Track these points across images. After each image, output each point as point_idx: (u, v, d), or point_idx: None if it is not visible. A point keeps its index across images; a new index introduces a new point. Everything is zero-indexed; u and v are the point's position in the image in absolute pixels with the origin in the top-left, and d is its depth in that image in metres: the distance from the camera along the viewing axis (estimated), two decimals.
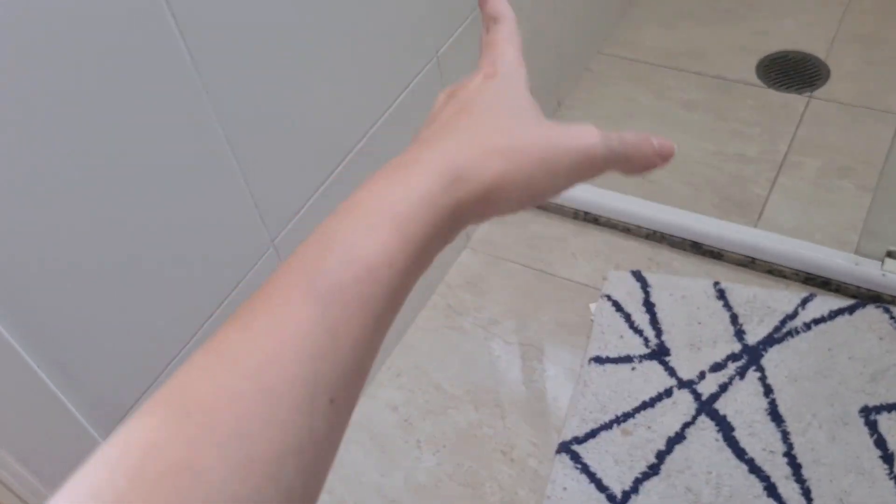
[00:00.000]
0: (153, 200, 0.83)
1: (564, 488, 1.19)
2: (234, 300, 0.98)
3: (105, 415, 0.85)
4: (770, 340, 1.31)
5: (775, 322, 1.33)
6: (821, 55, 1.81)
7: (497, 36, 0.38)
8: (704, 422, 1.24)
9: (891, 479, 1.14)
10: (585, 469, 1.21)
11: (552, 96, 1.72)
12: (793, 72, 1.78)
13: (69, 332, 0.79)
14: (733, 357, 1.30)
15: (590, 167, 0.35)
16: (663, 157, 0.38)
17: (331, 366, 0.27)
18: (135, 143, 0.78)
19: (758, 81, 1.78)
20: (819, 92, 1.73)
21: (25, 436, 0.77)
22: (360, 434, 1.29)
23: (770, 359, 1.29)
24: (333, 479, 1.24)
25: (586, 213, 1.54)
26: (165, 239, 0.86)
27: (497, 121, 0.34)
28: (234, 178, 0.93)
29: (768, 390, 1.25)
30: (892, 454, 1.16)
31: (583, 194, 1.52)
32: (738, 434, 1.21)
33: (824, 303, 1.34)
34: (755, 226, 1.47)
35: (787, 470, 1.16)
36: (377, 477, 1.24)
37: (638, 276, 1.43)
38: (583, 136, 0.35)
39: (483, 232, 1.56)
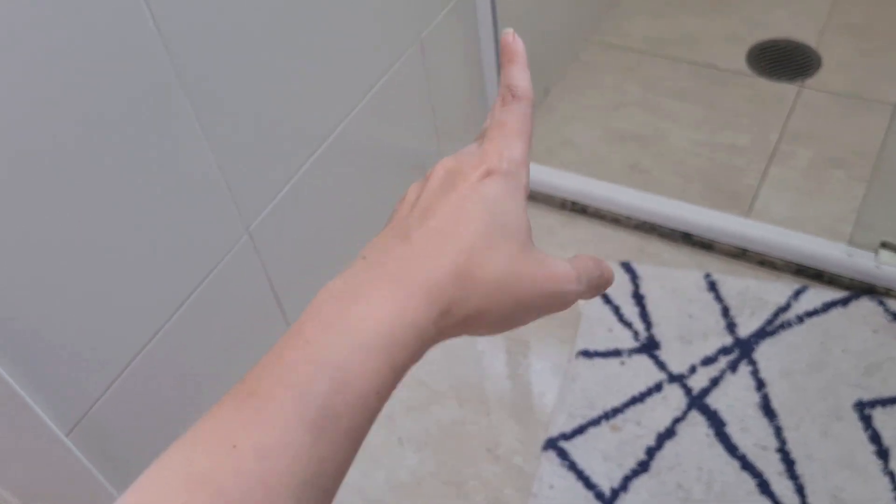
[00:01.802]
0: (124, 186, 0.78)
1: (551, 486, 1.15)
2: (207, 288, 0.94)
3: (68, 410, 0.81)
4: (762, 333, 1.27)
5: (767, 315, 1.30)
6: (812, 44, 1.78)
7: (511, 120, 0.37)
8: (695, 417, 1.20)
9: (885, 474, 1.11)
10: (573, 466, 1.17)
11: (539, 85, 1.68)
12: (784, 60, 1.75)
13: (33, 324, 0.75)
14: (725, 350, 1.27)
15: (562, 306, 0.35)
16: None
17: (313, 491, 0.27)
18: (104, 130, 0.74)
19: (748, 70, 1.74)
20: (810, 81, 1.70)
21: None
22: None
23: (762, 352, 1.25)
24: None
25: (574, 203, 1.50)
26: (137, 225, 0.81)
27: (488, 241, 0.33)
28: (207, 164, 0.88)
29: (760, 384, 1.22)
30: (886, 449, 1.13)
31: (570, 184, 1.48)
32: (729, 429, 1.18)
33: (817, 295, 1.31)
34: (747, 217, 1.44)
35: (781, 466, 1.13)
36: (358, 476, 1.20)
37: (627, 267, 1.39)
38: (562, 280, 0.35)
39: None
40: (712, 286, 1.35)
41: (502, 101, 0.38)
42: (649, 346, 1.29)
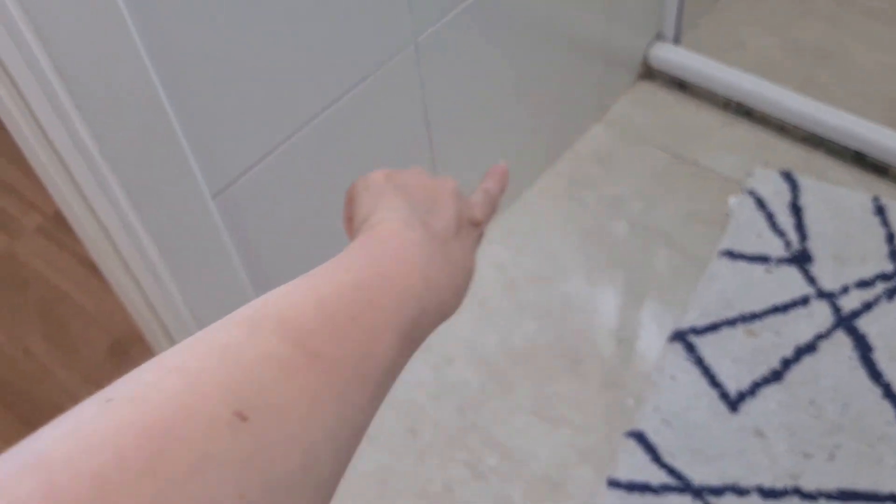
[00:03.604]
0: None
1: (673, 377, 1.09)
2: (364, 90, 0.90)
3: (218, 175, 0.79)
4: None
5: None
6: None
7: (495, 196, 0.48)
8: (840, 337, 1.11)
9: None
10: (699, 362, 1.10)
11: None
12: None
13: (208, 85, 0.73)
14: (883, 277, 1.16)
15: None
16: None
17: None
18: None
19: None
20: None
21: (143, 183, 0.72)
22: None
23: None
24: None
25: (739, 105, 1.39)
26: (313, 9, 0.78)
27: (460, 270, 0.39)
28: None
29: None
30: None
31: (739, 82, 1.37)
32: (876, 356, 1.09)
33: None
34: None
35: None
36: (469, 333, 1.16)
37: (788, 177, 1.29)
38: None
39: (620, 109, 1.44)
40: (880, 210, 1.23)
41: (486, 182, 0.49)
42: (800, 259, 1.19)
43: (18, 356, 1.21)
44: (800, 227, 1.23)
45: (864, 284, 1.16)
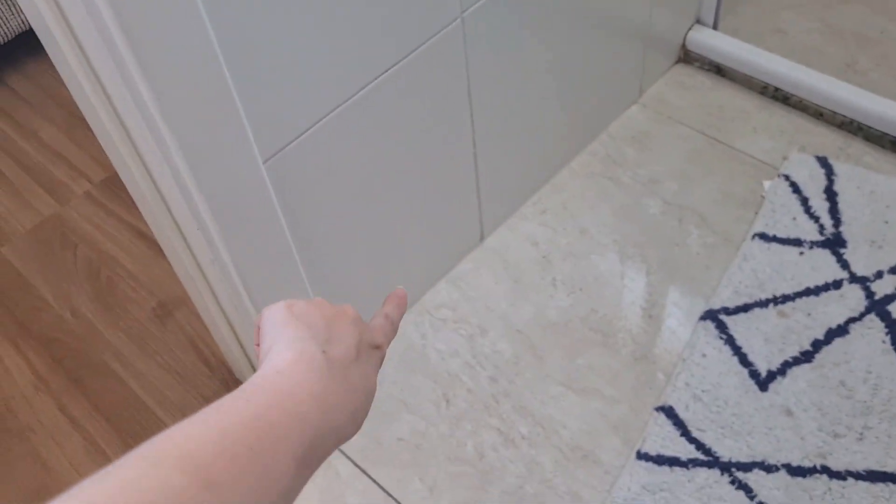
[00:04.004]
0: None
1: (704, 355, 1.10)
2: (409, 63, 0.92)
3: (269, 140, 0.81)
4: None
5: None
6: None
7: (395, 321, 0.50)
8: (873, 321, 1.12)
9: None
10: (730, 341, 1.11)
11: None
12: None
13: (265, 51, 0.75)
14: None
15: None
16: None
17: None
18: None
19: None
20: None
21: (199, 145, 0.74)
22: (493, 260, 1.24)
23: None
24: (458, 298, 1.20)
25: (776, 90, 1.39)
26: None
27: (358, 395, 0.42)
28: None
29: None
30: None
31: (778, 68, 1.38)
32: None
33: None
34: None
35: None
36: (505, 306, 1.19)
37: (824, 162, 1.29)
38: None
39: (658, 91, 1.45)
40: None
41: (385, 307, 0.51)
42: (834, 243, 1.20)
43: (67, 316, 1.25)
44: (834, 212, 1.23)
45: None
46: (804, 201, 1.25)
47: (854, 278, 1.16)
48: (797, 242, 1.21)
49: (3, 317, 1.26)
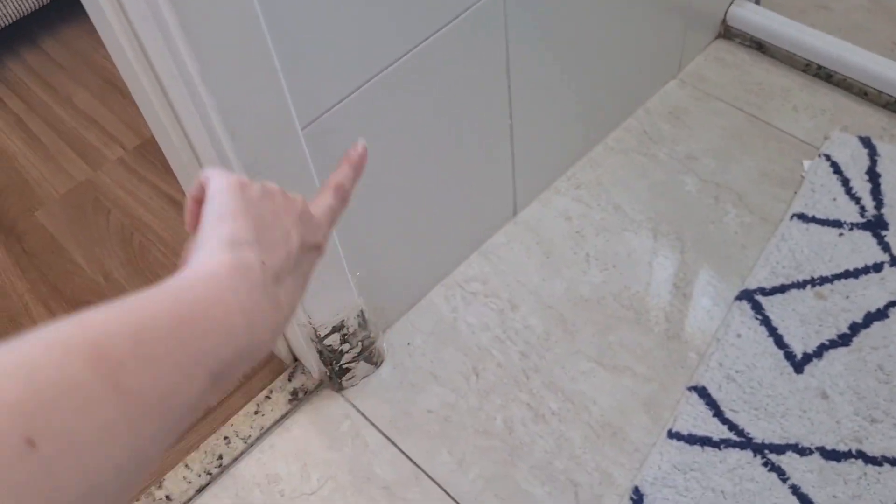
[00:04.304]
0: None
1: (738, 335, 1.09)
2: (448, 33, 0.91)
3: (308, 107, 0.81)
4: None
5: None
6: None
7: (348, 189, 0.52)
8: None
9: None
10: (766, 321, 1.10)
11: None
12: None
13: (303, 18, 0.74)
14: None
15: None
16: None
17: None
18: None
19: None
20: None
21: (239, 110, 0.74)
22: (526, 235, 1.23)
23: None
24: (490, 272, 1.19)
25: (819, 67, 1.36)
26: None
27: (285, 312, 0.39)
28: None
29: None
30: None
31: (822, 46, 1.34)
32: None
33: None
34: None
35: None
36: (537, 280, 1.18)
37: (867, 142, 1.26)
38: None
39: (697, 67, 1.42)
40: None
41: (333, 180, 0.50)
42: (876, 225, 1.17)
43: (99, 279, 1.26)
44: (877, 193, 1.21)
45: None
46: (845, 182, 1.23)
47: (895, 261, 1.14)
48: (837, 224, 1.18)
49: (36, 280, 1.27)
